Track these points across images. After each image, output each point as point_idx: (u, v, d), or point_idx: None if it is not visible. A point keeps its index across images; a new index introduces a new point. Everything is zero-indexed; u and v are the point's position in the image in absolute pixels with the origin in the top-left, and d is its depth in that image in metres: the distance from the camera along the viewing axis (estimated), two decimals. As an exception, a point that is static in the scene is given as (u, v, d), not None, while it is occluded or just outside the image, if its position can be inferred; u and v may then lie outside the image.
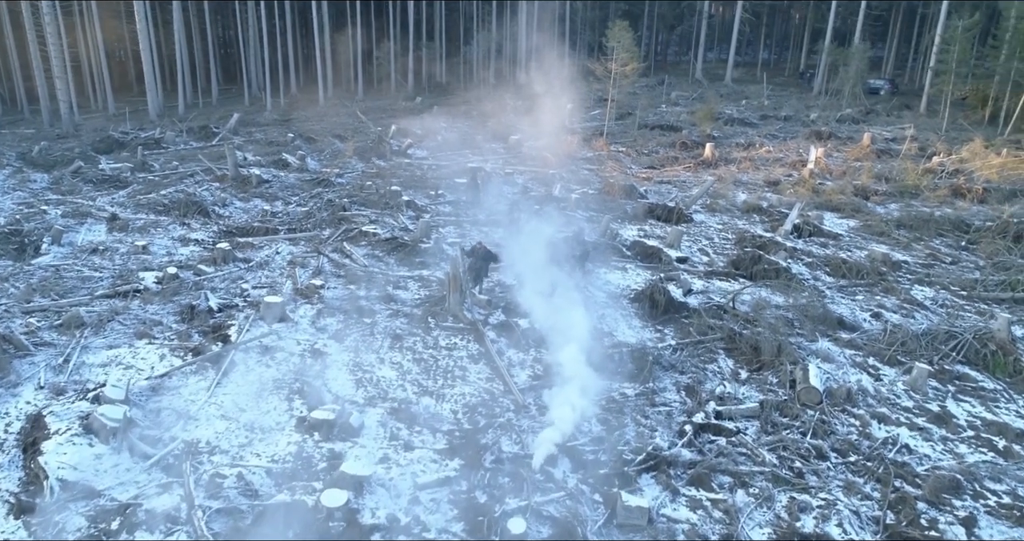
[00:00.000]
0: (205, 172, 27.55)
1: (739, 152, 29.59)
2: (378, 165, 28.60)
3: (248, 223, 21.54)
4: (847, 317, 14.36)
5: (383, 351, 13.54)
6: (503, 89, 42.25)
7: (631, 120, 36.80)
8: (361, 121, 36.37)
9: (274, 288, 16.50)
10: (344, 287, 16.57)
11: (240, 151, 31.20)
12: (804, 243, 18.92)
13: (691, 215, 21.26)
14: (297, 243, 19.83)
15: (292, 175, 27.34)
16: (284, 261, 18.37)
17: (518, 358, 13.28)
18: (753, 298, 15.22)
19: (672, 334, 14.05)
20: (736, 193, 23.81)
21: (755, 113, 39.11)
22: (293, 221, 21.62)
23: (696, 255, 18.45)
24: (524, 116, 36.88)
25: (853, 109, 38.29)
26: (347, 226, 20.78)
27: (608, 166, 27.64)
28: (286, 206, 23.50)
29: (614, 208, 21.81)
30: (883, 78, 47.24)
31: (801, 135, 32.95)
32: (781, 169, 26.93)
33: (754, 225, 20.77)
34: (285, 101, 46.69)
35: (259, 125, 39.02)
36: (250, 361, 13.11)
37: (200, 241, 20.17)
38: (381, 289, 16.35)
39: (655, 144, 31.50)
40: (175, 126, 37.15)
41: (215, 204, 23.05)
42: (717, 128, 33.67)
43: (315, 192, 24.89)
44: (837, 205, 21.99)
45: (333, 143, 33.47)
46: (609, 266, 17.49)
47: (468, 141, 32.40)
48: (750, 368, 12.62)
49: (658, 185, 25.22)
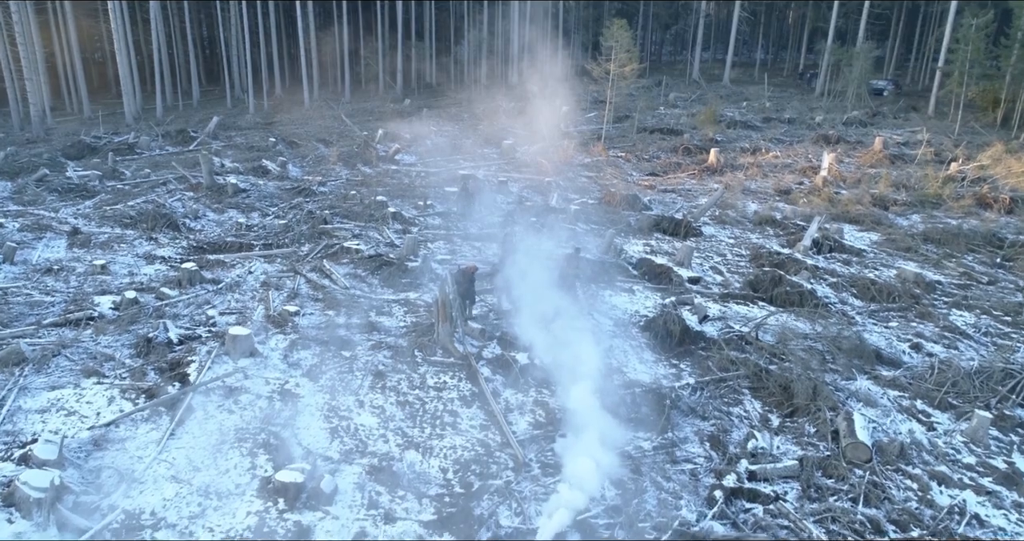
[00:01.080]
0: (179, 180, 25.85)
1: (745, 157, 28.08)
2: (363, 172, 26.95)
3: (221, 238, 19.87)
4: (884, 349, 12.82)
5: (363, 392, 11.92)
6: (495, 90, 40.68)
7: (629, 123, 35.26)
8: (346, 125, 34.69)
9: (244, 315, 14.85)
10: (322, 313, 14.95)
11: (218, 157, 29.54)
12: (825, 260, 17.39)
13: (700, 228, 19.71)
14: (273, 261, 18.18)
15: (272, 183, 25.65)
16: (257, 282, 16.71)
17: (516, 400, 11.68)
18: (777, 325, 13.67)
19: (690, 370, 12.48)
20: (746, 203, 22.27)
21: (757, 115, 37.63)
22: (270, 235, 19.96)
23: (709, 274, 16.89)
24: (518, 119, 35.38)
25: (859, 111, 36.86)
26: (328, 241, 19.15)
27: (607, 173, 26.09)
28: (263, 218, 21.82)
29: (617, 220, 20.24)
30: (886, 79, 45.90)
31: (808, 139, 31.47)
32: (791, 176, 25.43)
33: (768, 239, 19.23)
34: (269, 103, 44.94)
35: (240, 129, 37.27)
36: (210, 406, 11.46)
37: (167, 259, 18.47)
38: (363, 316, 14.74)
39: (656, 149, 29.96)
40: (151, 130, 35.35)
41: (186, 216, 21.37)
42: (719, 131, 32.17)
43: (295, 202, 23.23)
44: (855, 216, 20.48)
45: (317, 148, 31.81)
46: (615, 287, 15.91)
47: (459, 146, 30.79)
48: (781, 412, 11.06)
49: (662, 194, 23.66)
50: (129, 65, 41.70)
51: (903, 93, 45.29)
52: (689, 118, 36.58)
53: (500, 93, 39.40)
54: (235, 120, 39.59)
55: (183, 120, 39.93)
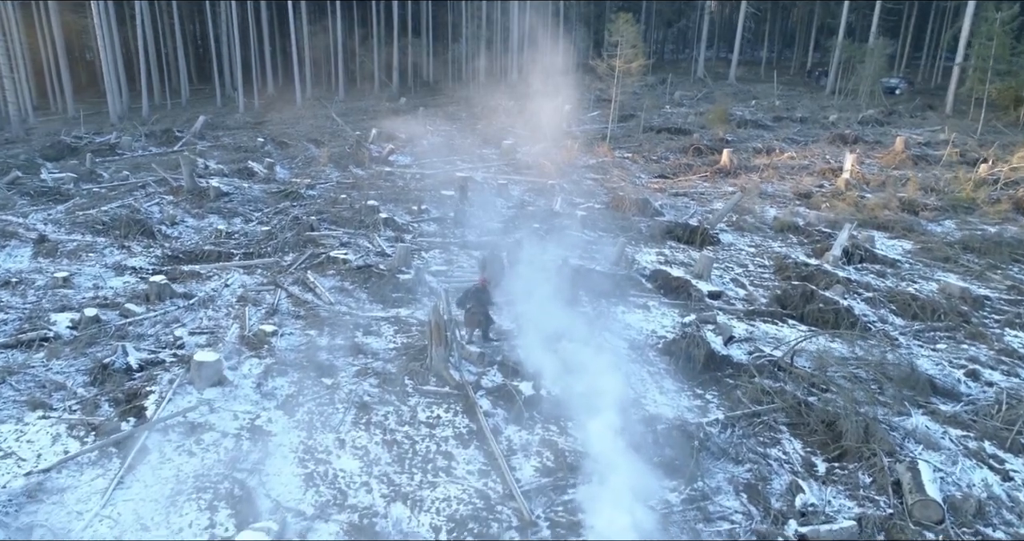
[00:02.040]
0: (158, 183, 24.34)
1: (758, 158, 26.58)
2: (355, 174, 25.43)
3: (198, 246, 18.34)
4: (938, 378, 11.31)
5: (345, 428, 10.41)
6: (495, 88, 39.17)
7: (635, 123, 33.77)
8: (338, 124, 33.17)
9: (216, 335, 13.35)
10: (303, 333, 13.43)
11: (202, 158, 27.99)
12: (857, 271, 15.88)
13: (717, 235, 18.20)
14: (253, 272, 16.67)
15: (257, 186, 24.13)
16: (234, 296, 15.19)
17: (520, 439, 10.16)
18: (813, 349, 12.17)
19: (717, 401, 10.97)
20: (764, 208, 20.77)
21: (767, 114, 36.13)
22: (251, 244, 18.43)
23: (730, 288, 15.38)
24: (518, 118, 33.86)
25: (874, 110, 35.35)
26: (313, 250, 17.63)
27: (614, 175, 24.58)
28: (246, 224, 20.30)
29: (627, 227, 18.74)
30: (898, 77, 44.41)
31: (823, 139, 29.96)
32: (809, 178, 23.92)
33: (792, 248, 17.73)
34: (260, 102, 43.39)
35: (229, 128, 35.74)
36: (168, 446, 9.95)
37: (138, 270, 16.95)
38: (348, 335, 13.23)
39: (664, 149, 28.44)
40: (135, 130, 33.80)
41: (162, 222, 19.83)
42: (730, 131, 30.65)
43: (281, 207, 21.72)
44: (884, 222, 18.97)
45: (307, 149, 30.30)
46: (628, 303, 14.40)
47: (457, 146, 29.27)
48: (827, 455, 9.56)
49: (673, 198, 22.15)
50: (115, 63, 40.19)
51: (915, 91, 43.78)
52: (697, 117, 35.08)
53: (499, 91, 37.88)
54: (223, 119, 38.07)
55: (170, 119, 38.39)
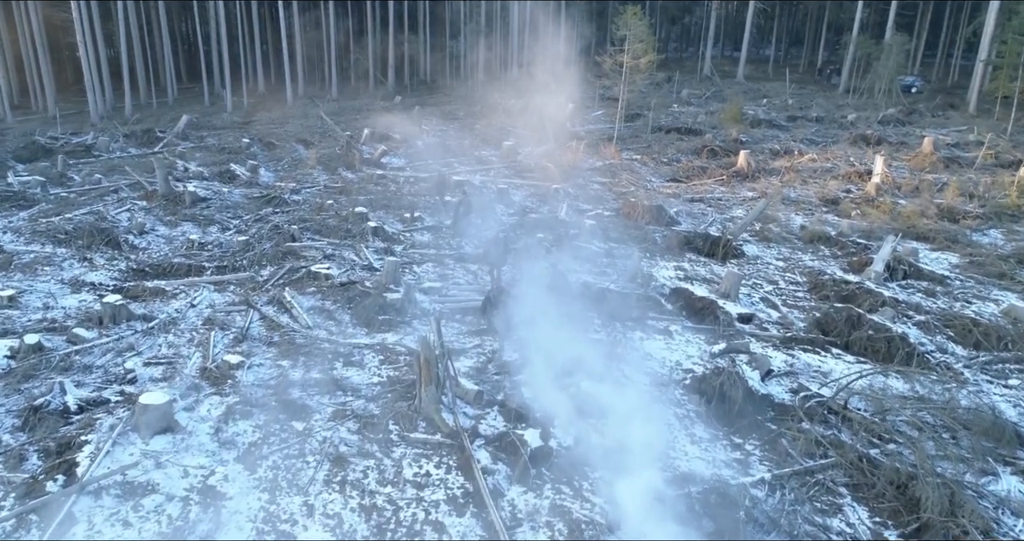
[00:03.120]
0: (132, 187, 22.59)
1: (777, 160, 24.82)
2: (344, 178, 23.67)
3: (167, 259, 16.59)
4: (1021, 426, 9.55)
5: (315, 489, 8.65)
6: (494, 86, 37.45)
7: (642, 122, 32.01)
8: (327, 124, 31.40)
9: (174, 366, 11.59)
10: (274, 363, 11.68)
11: (182, 160, 26.29)
12: (902, 290, 14.12)
13: (741, 247, 16.44)
14: (224, 289, 14.92)
15: (238, 191, 22.38)
16: (200, 319, 13.43)
17: (526, 505, 8.40)
18: (867, 386, 10.42)
19: (760, 453, 9.21)
20: (789, 215, 19.02)
21: (780, 113, 34.37)
22: (226, 256, 16.68)
23: (761, 309, 13.63)
24: (519, 117, 32.12)
25: (894, 109, 33.60)
26: (293, 264, 15.88)
27: (623, 179, 22.83)
28: (222, 233, 18.56)
29: (640, 237, 16.99)
30: (913, 75, 42.65)
31: (843, 139, 28.20)
32: (835, 182, 22.15)
33: (825, 262, 15.97)
34: (249, 101, 41.62)
35: (214, 128, 33.97)
36: (99, 515, 8.21)
37: (97, 286, 15.20)
38: (326, 367, 11.49)
39: (675, 151, 26.68)
40: (115, 130, 32.02)
41: (130, 231, 18.06)
42: (743, 131, 28.88)
43: (262, 214, 19.97)
44: (923, 232, 17.22)
45: (295, 150, 28.55)
46: (646, 328, 12.64)
47: (454, 147, 27.51)
48: (902, 528, 7.81)
49: (688, 204, 20.38)
50: (97, 60, 38.41)
51: (933, 90, 42.00)
52: (707, 116, 33.32)
53: (500, 90, 36.13)
54: (210, 119, 36.31)
55: (154, 119, 36.64)
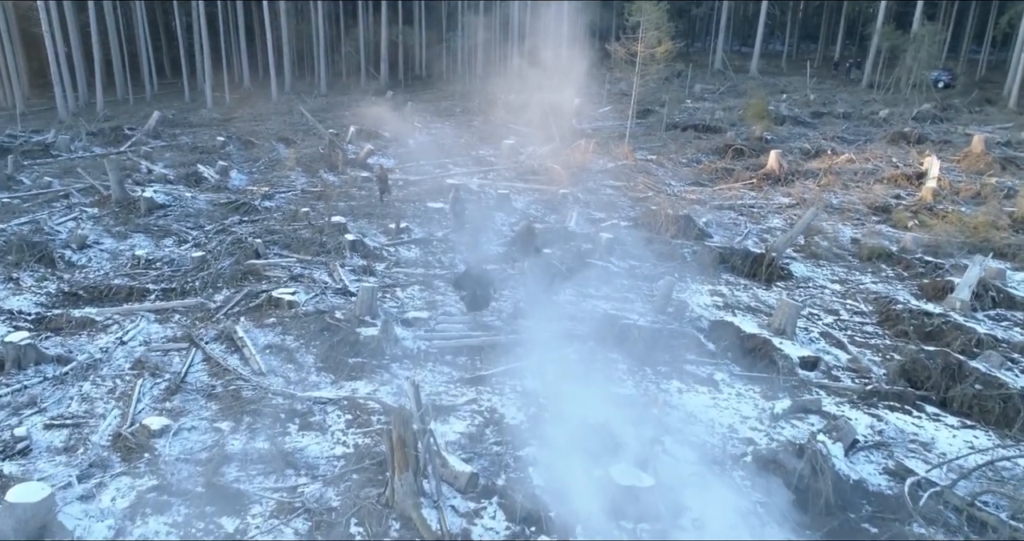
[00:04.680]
0: (86, 192, 19.98)
1: (810, 161, 22.18)
2: (325, 181, 21.04)
3: (106, 279, 13.99)
4: None
5: (239, 637, 6.04)
6: (494, 81, 34.81)
7: (655, 119, 29.39)
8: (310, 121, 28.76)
9: (81, 431, 9.01)
10: (210, 426, 9.10)
11: (147, 161, 23.65)
12: (994, 323, 11.51)
13: (787, 266, 13.84)
14: (168, 318, 12.35)
15: (203, 196, 19.75)
16: (129, 360, 10.84)
17: None
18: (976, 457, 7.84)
19: (863, 577, 6.61)
20: (836, 225, 16.42)
21: (803, 109, 31.73)
22: (176, 275, 14.06)
23: (823, 347, 11.02)
24: (521, 114, 29.49)
25: (929, 105, 30.95)
26: (252, 287, 13.28)
27: (639, 182, 20.20)
28: (178, 246, 15.93)
29: (666, 254, 14.36)
30: (941, 68, 39.95)
31: (879, 138, 25.57)
32: (880, 187, 19.53)
33: (891, 284, 13.37)
34: (232, 97, 38.95)
35: (191, 126, 31.28)
36: None
37: (17, 314, 12.59)
38: (277, 431, 8.90)
39: (693, 150, 24.04)
40: (80, 128, 29.36)
41: (68, 245, 15.44)
42: (767, 128, 26.25)
43: (227, 223, 17.36)
44: (1000, 248, 14.60)
45: (275, 149, 25.89)
46: (684, 375, 10.04)
47: (449, 146, 24.88)
48: None
49: (717, 212, 17.75)
50: (67, 53, 35.76)
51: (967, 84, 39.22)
52: (725, 113, 30.66)
53: (499, 84, 33.48)
54: (187, 116, 33.62)
55: (127, 116, 33.96)
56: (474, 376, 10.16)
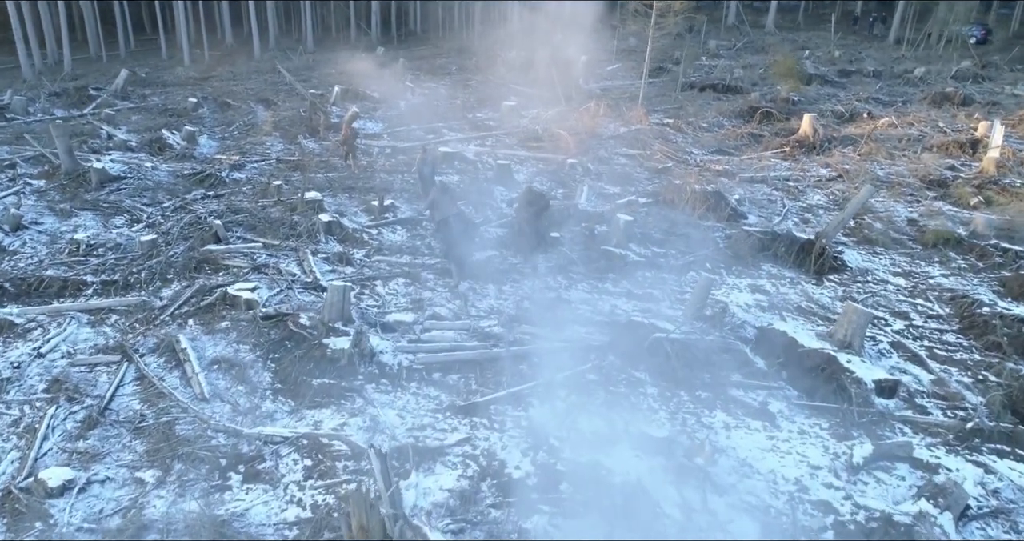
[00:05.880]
0: (34, 161, 17.78)
1: (846, 126, 19.87)
2: (304, 148, 18.78)
3: (38, 269, 11.89)
4: None
5: None
6: (493, 36, 32.23)
7: (669, 78, 26.95)
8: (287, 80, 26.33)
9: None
10: (130, 477, 7.15)
11: (109, 125, 21.33)
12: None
13: (841, 255, 11.72)
14: (103, 320, 10.33)
15: (166, 166, 17.52)
16: (46, 378, 8.83)
17: None
18: None
19: None
20: (888, 203, 14.26)
21: (829, 68, 29.18)
22: (120, 264, 11.97)
23: (896, 362, 8.99)
24: (522, 73, 27.06)
25: (969, 62, 28.41)
26: (206, 281, 11.20)
27: (656, 150, 17.95)
28: (129, 227, 13.81)
29: (695, 239, 12.23)
30: (975, 24, 37.19)
31: (917, 99, 23.19)
32: (929, 156, 17.29)
33: (964, 277, 11.28)
34: (212, 54, 36.30)
35: (164, 85, 28.80)
36: None
37: (-79, 315, 10.52)
38: (215, 484, 6.93)
39: (714, 113, 21.68)
40: (41, 88, 26.94)
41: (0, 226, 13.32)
42: (794, 89, 23.81)
43: (190, 198, 15.19)
44: (1088, 233, 12.50)
45: (253, 111, 23.54)
46: (730, 404, 8.03)
47: (443, 109, 22.55)
48: None
49: (748, 186, 15.54)
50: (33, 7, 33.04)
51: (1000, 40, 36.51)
52: (745, 71, 28.13)
53: (498, 40, 30.89)
54: (161, 75, 31.08)
55: (98, 75, 31.40)
56: (468, 403, 8.16)
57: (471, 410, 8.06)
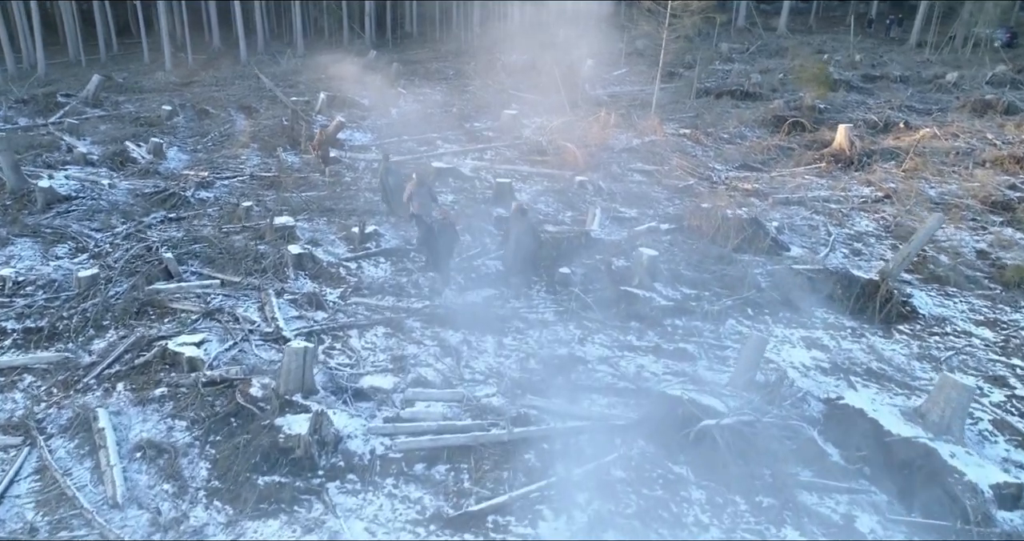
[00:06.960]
0: (-20, 178, 15.84)
1: (883, 138, 17.97)
2: (283, 163, 16.87)
3: (-49, 312, 9.97)
4: None
5: None
6: (493, 39, 30.37)
7: (682, 83, 25.08)
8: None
9: None
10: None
11: (71, 136, 19.45)
12: None
13: (910, 299, 9.81)
14: (15, 383, 8.39)
15: (127, 183, 15.65)
16: (-79, 469, 6.91)
17: None
18: None
19: None
20: (949, 230, 12.34)
21: (852, 73, 27.28)
22: (49, 308, 10.06)
23: (1003, 451, 7.09)
24: (524, 77, 25.22)
25: (1006, 67, 26.51)
26: (145, 331, 9.30)
27: (676, 166, 16.04)
28: (71, 258, 11.90)
29: (731, 277, 10.30)
30: (1001, 27, 35.28)
31: (955, 107, 21.29)
32: (982, 172, 15.39)
33: (1063, 328, 9.39)
34: (196, 58, 34.43)
35: (141, 92, 26.94)
36: None
37: None
38: None
39: (735, 123, 19.78)
40: (11, 94, 25.08)
41: (-83, 260, 11.43)
42: (821, 96, 21.91)
43: (146, 221, 13.31)
44: None
45: (232, 120, 21.70)
46: (803, 518, 6.10)
47: (437, 118, 20.66)
48: None
49: (784, 209, 13.62)
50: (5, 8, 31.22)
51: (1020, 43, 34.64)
52: (764, 76, 26.24)
53: (499, 42, 29.00)
54: (140, 80, 29.22)
55: (73, 80, 29.54)
56: (459, 513, 6.24)
57: (463, 523, 6.16)
